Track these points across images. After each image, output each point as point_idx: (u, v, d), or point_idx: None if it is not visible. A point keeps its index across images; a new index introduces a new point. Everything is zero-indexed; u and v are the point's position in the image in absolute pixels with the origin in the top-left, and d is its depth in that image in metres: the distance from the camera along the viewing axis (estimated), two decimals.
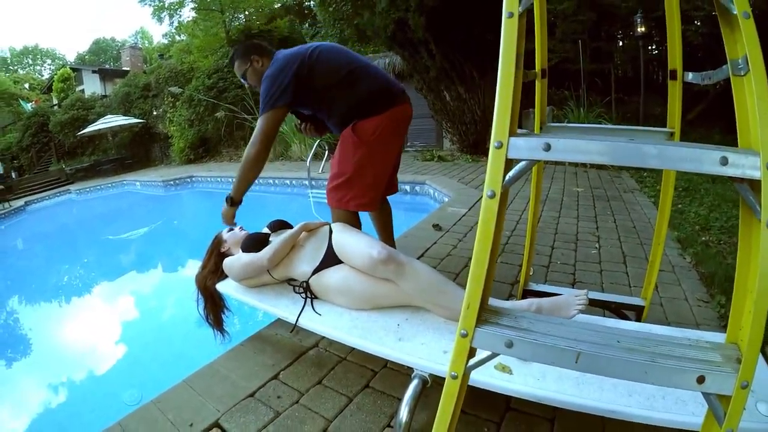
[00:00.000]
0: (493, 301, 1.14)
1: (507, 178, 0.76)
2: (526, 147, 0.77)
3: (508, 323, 0.84)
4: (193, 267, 5.53)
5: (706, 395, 0.77)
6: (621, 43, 13.14)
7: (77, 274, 6.41)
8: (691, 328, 1.91)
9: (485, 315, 0.84)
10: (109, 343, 3.71)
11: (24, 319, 4.79)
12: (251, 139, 1.95)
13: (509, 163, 0.79)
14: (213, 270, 2.10)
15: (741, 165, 0.69)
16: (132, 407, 2.27)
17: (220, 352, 3.09)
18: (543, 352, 0.80)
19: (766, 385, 1.14)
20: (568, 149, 0.75)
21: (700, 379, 0.73)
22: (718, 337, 1.36)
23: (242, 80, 2.22)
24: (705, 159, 0.71)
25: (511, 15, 0.80)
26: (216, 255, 2.11)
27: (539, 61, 1.58)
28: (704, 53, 9.14)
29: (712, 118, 8.06)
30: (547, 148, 0.75)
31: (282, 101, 1.91)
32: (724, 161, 0.69)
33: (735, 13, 0.72)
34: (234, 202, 2.05)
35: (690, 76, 1.17)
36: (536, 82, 1.60)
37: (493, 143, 0.77)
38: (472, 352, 0.84)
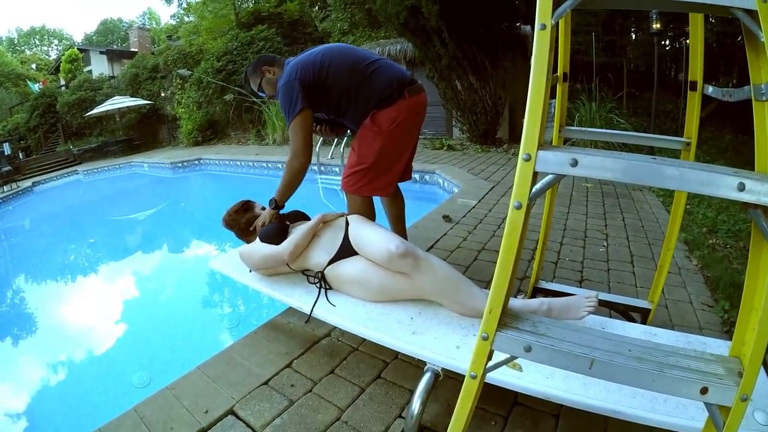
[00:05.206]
0: None
1: (533, 190, 0.79)
2: (555, 161, 0.78)
3: (527, 328, 0.87)
4: (200, 249, 5.61)
5: (707, 405, 0.80)
6: (634, 37, 12.97)
7: (84, 255, 6.42)
8: (695, 332, 1.94)
9: (505, 319, 0.87)
10: (117, 325, 3.72)
11: (30, 300, 4.76)
12: (292, 151, 2.01)
13: (536, 175, 0.81)
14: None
15: (757, 192, 0.71)
16: (142, 389, 2.31)
17: (229, 335, 3.15)
18: (559, 357, 0.83)
19: (765, 395, 1.17)
20: (594, 166, 0.77)
21: (704, 390, 0.77)
22: (720, 345, 1.40)
23: (260, 94, 2.28)
24: (722, 184, 0.72)
25: (543, 27, 0.80)
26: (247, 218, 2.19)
27: (561, 64, 1.59)
28: (719, 46, 9.11)
29: (724, 117, 8.02)
30: (574, 163, 0.77)
31: (303, 103, 1.96)
32: (741, 187, 0.71)
33: (762, 40, 0.73)
34: (278, 206, 2.11)
35: (710, 90, 1.17)
36: (558, 85, 1.61)
37: (521, 155, 0.79)
38: (490, 354, 0.88)
